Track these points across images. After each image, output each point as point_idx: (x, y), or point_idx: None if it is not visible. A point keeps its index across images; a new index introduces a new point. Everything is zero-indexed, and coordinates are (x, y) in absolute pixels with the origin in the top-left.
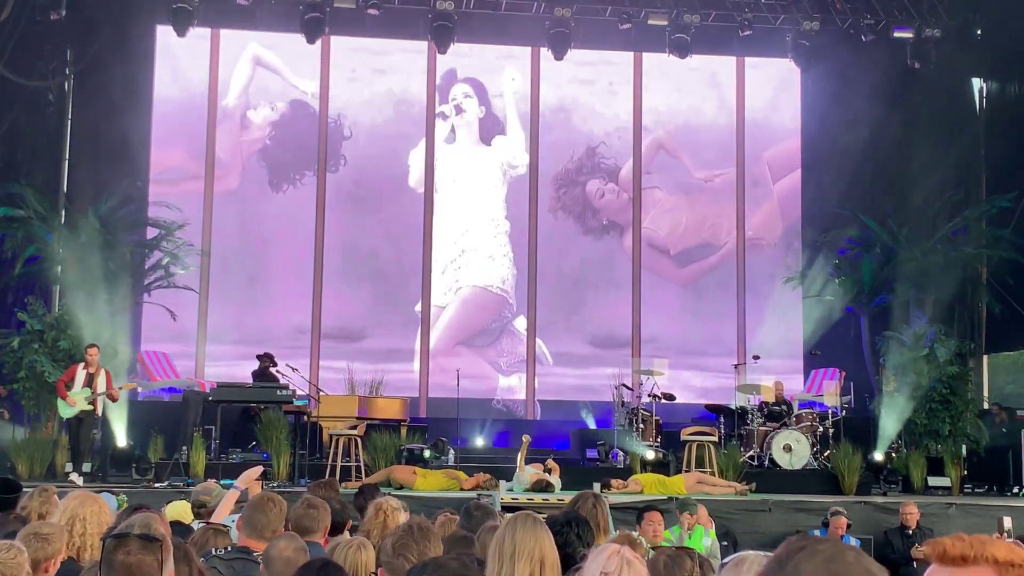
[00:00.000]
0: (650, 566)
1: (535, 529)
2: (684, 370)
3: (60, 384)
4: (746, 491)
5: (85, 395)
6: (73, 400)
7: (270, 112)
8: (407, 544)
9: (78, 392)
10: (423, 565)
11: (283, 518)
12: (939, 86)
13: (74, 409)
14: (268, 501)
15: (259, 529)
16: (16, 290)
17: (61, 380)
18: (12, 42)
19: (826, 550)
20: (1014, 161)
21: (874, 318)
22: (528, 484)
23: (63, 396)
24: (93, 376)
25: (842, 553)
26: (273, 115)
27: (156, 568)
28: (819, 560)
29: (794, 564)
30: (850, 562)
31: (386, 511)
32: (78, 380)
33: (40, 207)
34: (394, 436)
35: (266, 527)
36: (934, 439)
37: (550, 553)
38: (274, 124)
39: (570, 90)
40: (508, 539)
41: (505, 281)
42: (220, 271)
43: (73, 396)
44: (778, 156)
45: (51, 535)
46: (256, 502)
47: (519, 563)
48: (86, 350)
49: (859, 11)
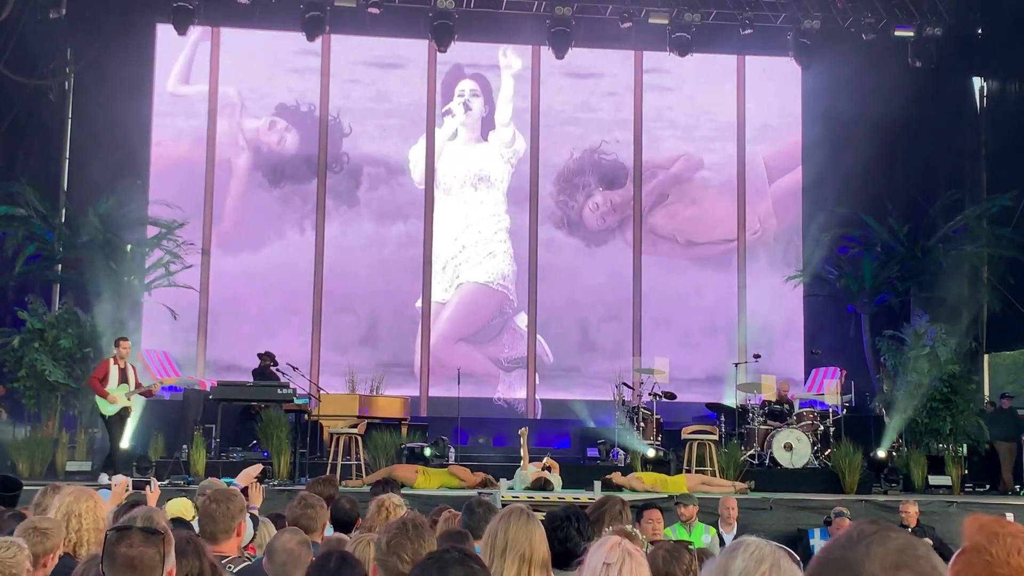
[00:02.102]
0: (649, 559)
1: (528, 524)
2: (685, 369)
3: (95, 382)
4: (745, 490)
5: (124, 391)
6: (114, 397)
7: (270, 111)
8: (401, 543)
9: (116, 388)
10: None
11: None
12: (940, 85)
13: (116, 406)
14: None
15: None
16: (16, 289)
17: (95, 378)
18: (13, 41)
19: (899, 539)
20: (1015, 160)
21: (875, 317)
22: (528, 482)
23: (102, 394)
24: (125, 371)
25: (914, 545)
26: (273, 114)
27: (158, 561)
28: (892, 547)
29: (866, 545)
30: (920, 555)
31: (388, 508)
32: (112, 376)
33: (40, 206)
34: (395, 435)
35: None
36: (935, 438)
37: (540, 548)
38: (274, 123)
39: (570, 89)
40: (500, 534)
41: (506, 277)
42: (221, 270)
43: (114, 393)
44: (779, 154)
45: (50, 530)
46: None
47: (508, 559)
48: (117, 343)
49: (860, 10)
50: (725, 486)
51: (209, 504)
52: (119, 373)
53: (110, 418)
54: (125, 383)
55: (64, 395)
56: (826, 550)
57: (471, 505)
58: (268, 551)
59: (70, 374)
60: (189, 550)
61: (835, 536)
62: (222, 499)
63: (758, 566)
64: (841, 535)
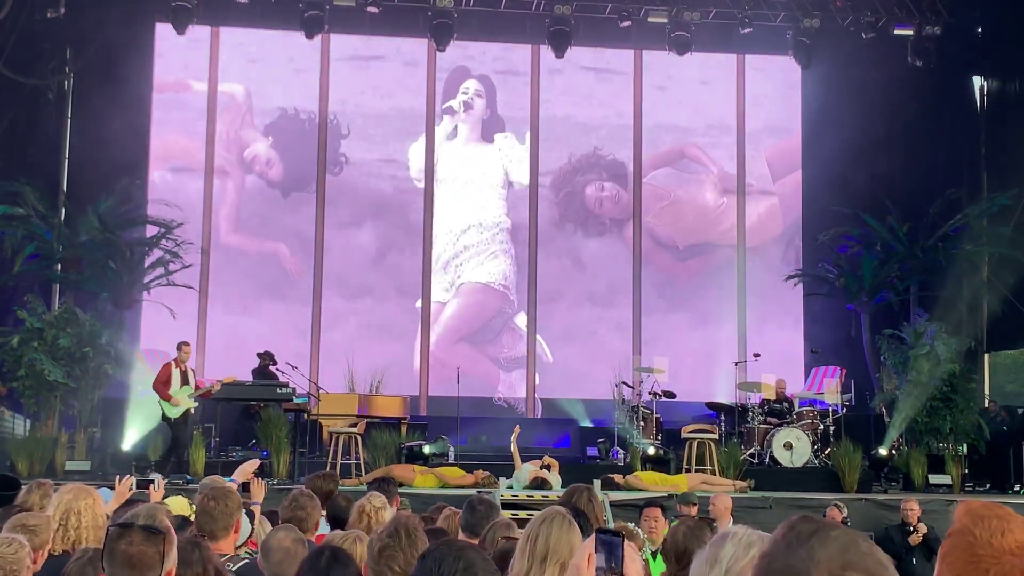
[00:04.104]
0: (669, 536)
1: (569, 532)
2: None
3: (160, 386)
4: (745, 488)
5: (187, 393)
6: (178, 400)
7: (269, 110)
8: (394, 555)
9: (179, 391)
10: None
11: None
12: (939, 83)
13: (180, 409)
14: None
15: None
16: (16, 288)
17: (159, 381)
18: (12, 40)
19: (840, 537)
20: (1014, 159)
21: (875, 316)
22: (527, 481)
23: (167, 398)
24: (185, 373)
25: (855, 542)
26: (273, 113)
27: (157, 560)
28: (834, 548)
29: (807, 550)
30: (864, 552)
31: (369, 513)
32: (175, 379)
33: (40, 205)
34: (394, 434)
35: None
36: (935, 437)
37: (573, 555)
38: (274, 122)
39: (570, 88)
40: (542, 540)
41: (507, 277)
42: (221, 270)
43: (177, 396)
44: (778, 154)
45: (38, 526)
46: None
47: (549, 566)
48: (181, 348)
49: (860, 8)
50: (725, 485)
51: (207, 502)
52: (180, 376)
53: (175, 421)
54: (187, 385)
55: (63, 395)
56: (766, 557)
57: (472, 503)
58: (263, 549)
59: (69, 373)
60: (194, 559)
61: (772, 539)
62: (220, 496)
63: (747, 551)
64: (777, 538)
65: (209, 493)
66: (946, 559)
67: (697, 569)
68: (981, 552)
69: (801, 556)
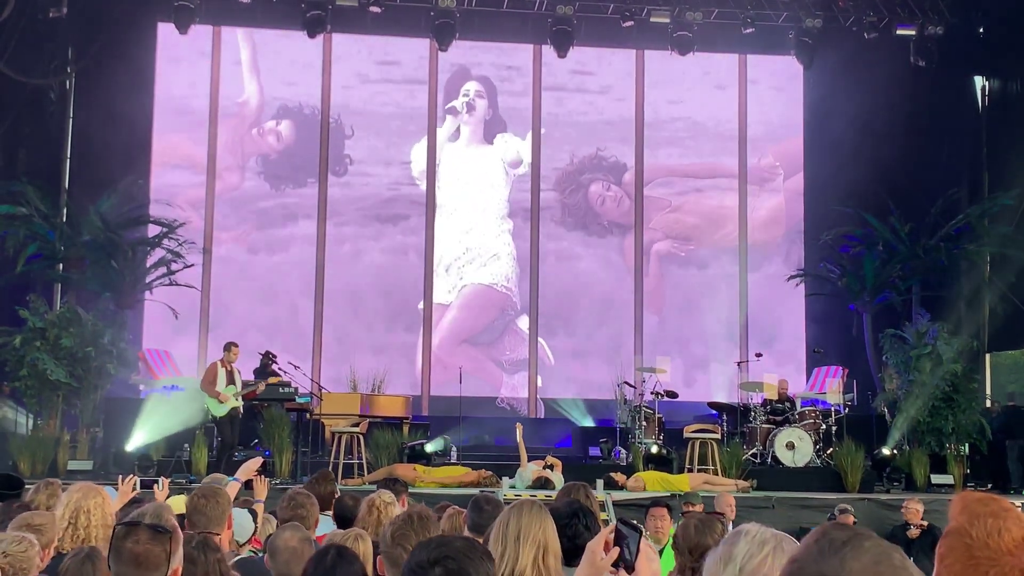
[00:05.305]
0: (680, 530)
1: (540, 515)
2: (685, 368)
3: (207, 385)
4: (747, 488)
5: (233, 391)
6: (226, 396)
7: (272, 110)
8: (407, 534)
9: (225, 389)
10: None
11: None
12: (942, 84)
13: (226, 407)
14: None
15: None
16: (18, 288)
17: (206, 380)
18: (14, 40)
19: (872, 548)
20: (1016, 159)
21: (877, 316)
22: (530, 481)
23: (214, 395)
24: (231, 374)
25: (889, 554)
26: (275, 113)
27: (164, 559)
28: (868, 559)
29: (840, 559)
30: (897, 565)
31: (379, 507)
32: (220, 379)
33: (42, 205)
34: (396, 434)
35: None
36: (937, 437)
37: (552, 540)
38: (276, 122)
39: (572, 88)
40: (513, 522)
41: (509, 279)
42: (222, 269)
43: (224, 393)
44: (780, 154)
45: (43, 525)
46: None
47: (524, 545)
48: (229, 348)
49: (862, 8)
50: (728, 485)
51: (198, 500)
52: (227, 376)
53: (220, 419)
54: (233, 385)
55: (65, 394)
56: (797, 563)
57: (478, 502)
58: (270, 549)
59: (71, 373)
60: (201, 560)
61: (803, 544)
62: (210, 495)
63: (761, 549)
64: (810, 544)
65: (200, 491)
66: (944, 560)
67: (711, 567)
68: (979, 554)
69: (833, 564)
